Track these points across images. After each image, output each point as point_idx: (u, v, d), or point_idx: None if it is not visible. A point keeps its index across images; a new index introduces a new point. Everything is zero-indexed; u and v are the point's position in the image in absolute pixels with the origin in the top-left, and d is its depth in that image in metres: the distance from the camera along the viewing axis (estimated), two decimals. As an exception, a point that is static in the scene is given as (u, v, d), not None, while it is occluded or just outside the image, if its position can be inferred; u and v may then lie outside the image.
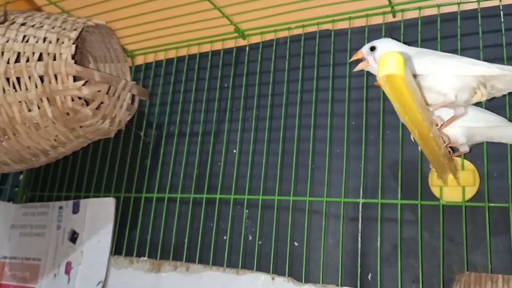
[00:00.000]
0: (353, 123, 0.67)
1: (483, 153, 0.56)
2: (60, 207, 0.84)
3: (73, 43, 0.63)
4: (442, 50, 0.62)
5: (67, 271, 0.78)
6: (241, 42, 0.80)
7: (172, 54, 0.85)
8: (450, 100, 0.45)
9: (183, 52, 0.85)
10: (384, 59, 0.26)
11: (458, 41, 0.61)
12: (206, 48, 0.82)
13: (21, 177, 0.96)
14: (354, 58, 0.51)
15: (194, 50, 0.83)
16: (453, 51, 0.61)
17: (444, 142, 0.48)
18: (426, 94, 0.46)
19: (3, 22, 0.67)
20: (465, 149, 0.53)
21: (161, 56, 0.87)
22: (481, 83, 0.46)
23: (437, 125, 0.48)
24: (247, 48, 0.79)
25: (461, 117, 0.50)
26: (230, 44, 0.80)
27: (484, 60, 0.57)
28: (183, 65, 0.84)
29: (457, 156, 0.55)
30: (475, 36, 0.60)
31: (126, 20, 0.76)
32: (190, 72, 0.83)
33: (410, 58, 0.46)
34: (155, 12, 0.73)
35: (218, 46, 0.81)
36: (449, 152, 0.52)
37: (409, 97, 0.28)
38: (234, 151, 0.75)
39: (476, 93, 0.47)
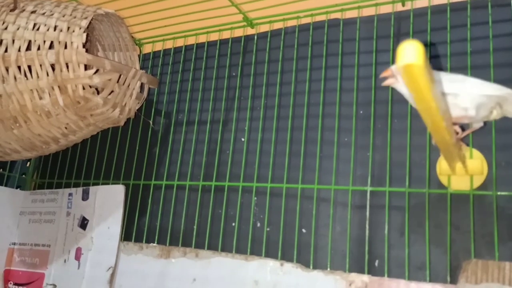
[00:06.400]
0: (361, 112, 0.67)
1: (491, 142, 0.56)
2: (70, 194, 0.84)
3: (84, 32, 0.63)
4: (451, 40, 0.62)
5: (77, 257, 0.79)
6: (250, 31, 0.80)
7: (180, 42, 0.85)
8: (471, 115, 0.51)
9: (191, 40, 0.85)
10: (403, 48, 0.26)
11: (468, 30, 0.61)
12: (214, 36, 0.82)
13: (29, 164, 0.96)
14: (384, 74, 0.52)
15: (203, 38, 0.84)
16: (463, 40, 0.61)
17: (457, 133, 0.49)
18: (450, 109, 0.51)
19: (13, 10, 0.68)
20: (479, 124, 0.55)
21: (169, 45, 0.87)
22: (498, 104, 0.51)
23: (457, 133, 0.53)
24: (256, 37, 0.79)
25: (478, 128, 0.55)
26: (239, 33, 0.80)
27: (494, 49, 0.58)
28: (191, 54, 0.85)
29: (468, 134, 0.56)
30: (485, 25, 0.61)
31: (134, 8, 0.76)
32: (198, 61, 0.84)
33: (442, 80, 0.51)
34: (164, 0, 0.73)
35: (226, 35, 0.81)
36: (458, 132, 0.54)
37: (426, 87, 0.28)
38: (243, 139, 0.75)
39: (492, 112, 0.52)
